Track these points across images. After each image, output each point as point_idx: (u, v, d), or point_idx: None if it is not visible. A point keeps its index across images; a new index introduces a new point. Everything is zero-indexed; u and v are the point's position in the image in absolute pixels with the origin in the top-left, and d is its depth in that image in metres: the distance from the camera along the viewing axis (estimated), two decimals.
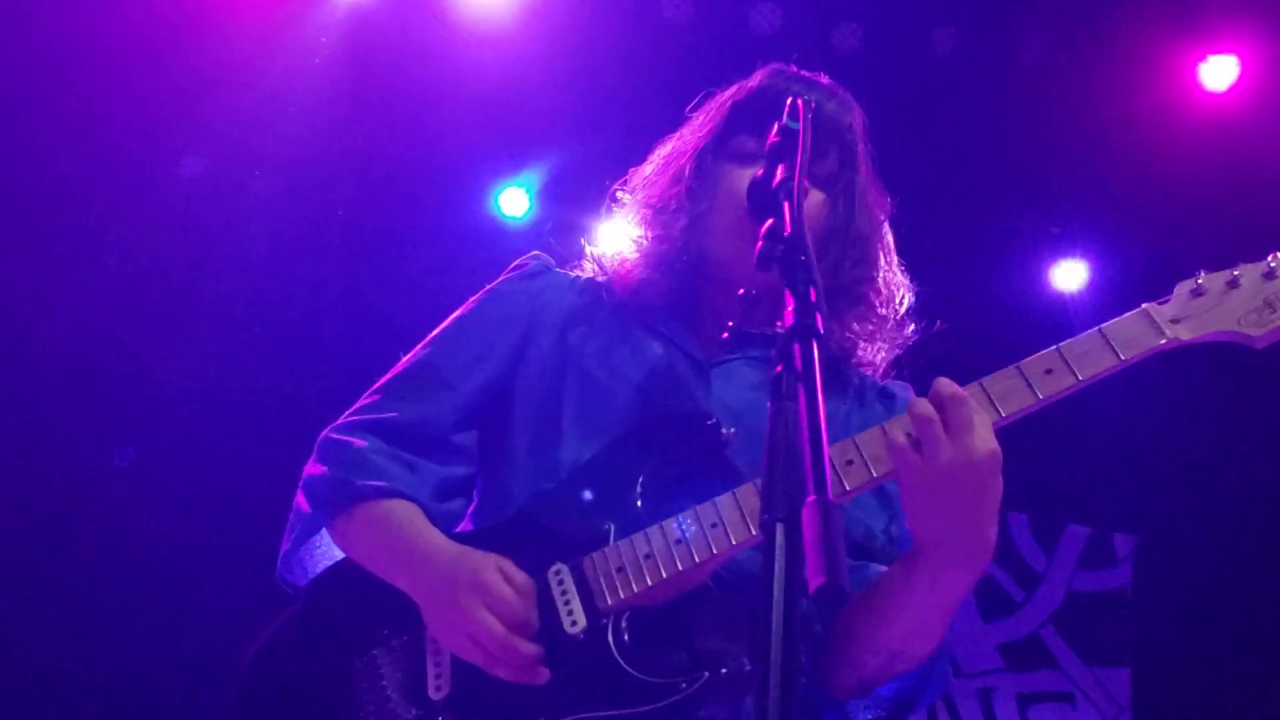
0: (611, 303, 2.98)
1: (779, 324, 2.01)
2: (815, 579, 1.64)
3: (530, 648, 2.48)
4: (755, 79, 3.00)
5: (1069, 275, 7.17)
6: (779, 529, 1.77)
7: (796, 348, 1.94)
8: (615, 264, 3.02)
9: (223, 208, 6.84)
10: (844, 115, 2.97)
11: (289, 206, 6.87)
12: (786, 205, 2.19)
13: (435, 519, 2.74)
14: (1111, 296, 6.83)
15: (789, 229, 2.14)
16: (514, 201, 7.10)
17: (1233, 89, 6.30)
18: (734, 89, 3.02)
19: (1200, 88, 6.34)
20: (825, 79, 3.03)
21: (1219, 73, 6.28)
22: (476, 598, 2.50)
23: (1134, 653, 7.90)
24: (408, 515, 2.71)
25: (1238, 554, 7.73)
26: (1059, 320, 6.94)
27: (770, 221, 2.17)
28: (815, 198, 2.89)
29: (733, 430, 2.65)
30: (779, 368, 1.93)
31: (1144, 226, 6.43)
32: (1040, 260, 7.18)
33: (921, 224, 6.42)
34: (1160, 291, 2.59)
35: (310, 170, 6.81)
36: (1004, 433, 2.41)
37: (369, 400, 2.92)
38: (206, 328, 6.89)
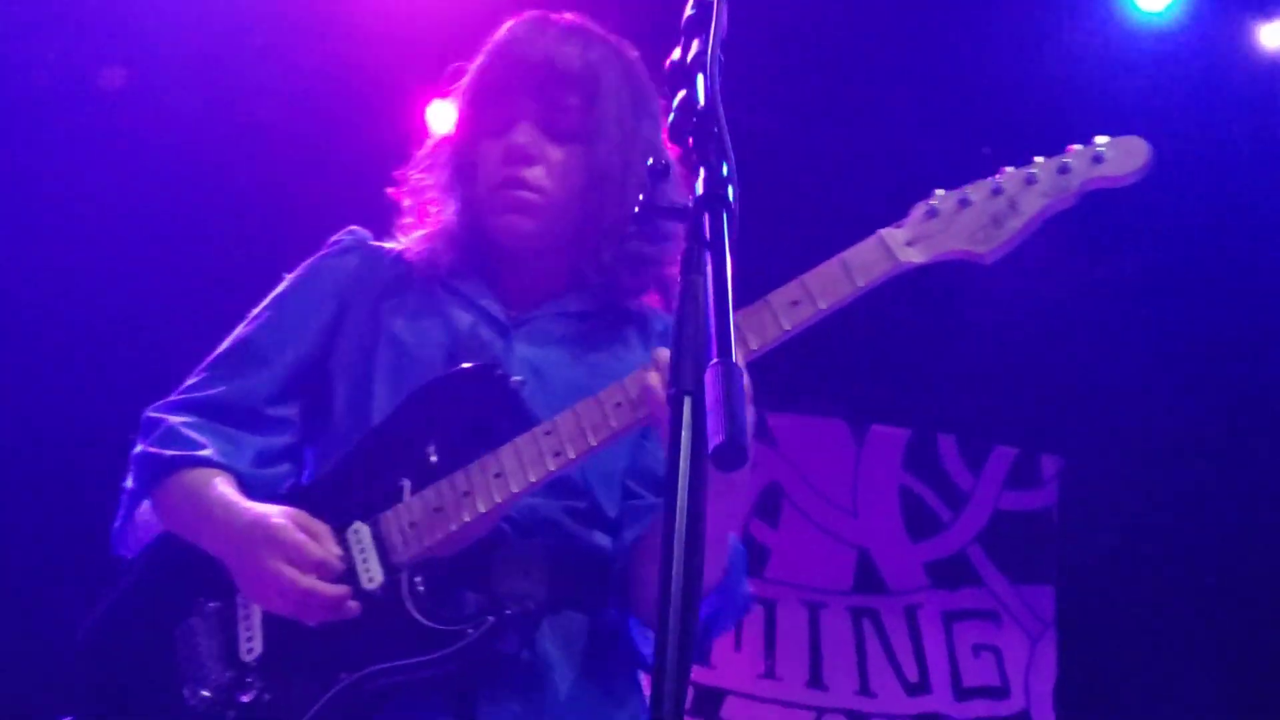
0: (422, 274, 3.05)
1: (690, 196, 1.99)
2: (713, 439, 1.64)
3: (333, 588, 2.60)
4: (492, 43, 3.06)
5: None
6: (686, 402, 1.77)
7: (706, 218, 1.92)
8: (411, 239, 3.10)
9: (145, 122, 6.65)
10: (587, 55, 2.97)
11: (213, 120, 6.70)
12: (701, 77, 2.12)
13: (254, 484, 2.84)
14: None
15: (704, 101, 2.09)
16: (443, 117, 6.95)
17: (1168, 7, 6.26)
18: (481, 54, 3.07)
19: (1134, 6, 6.31)
20: (566, 19, 3.05)
21: None
22: (276, 551, 2.61)
23: (1058, 571, 8.00)
24: (212, 481, 2.80)
25: (1160, 477, 7.83)
26: None
27: (683, 93, 2.11)
28: (557, 155, 2.93)
29: (521, 379, 2.75)
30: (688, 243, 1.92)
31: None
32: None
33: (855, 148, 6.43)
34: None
35: (237, 86, 6.64)
36: (935, 355, 2.43)
37: (192, 380, 3.03)
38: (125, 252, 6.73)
